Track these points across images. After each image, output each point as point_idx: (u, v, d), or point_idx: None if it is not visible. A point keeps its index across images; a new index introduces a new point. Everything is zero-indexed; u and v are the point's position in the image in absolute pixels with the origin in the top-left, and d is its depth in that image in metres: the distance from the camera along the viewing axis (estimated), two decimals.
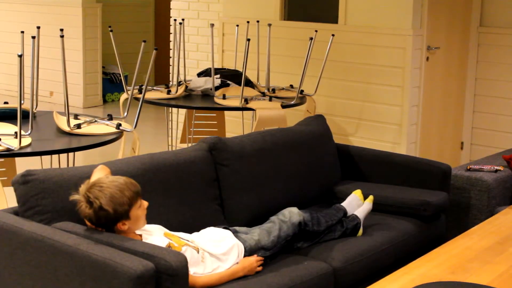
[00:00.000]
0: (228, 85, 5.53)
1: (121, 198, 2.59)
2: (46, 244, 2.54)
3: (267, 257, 3.01)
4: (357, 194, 3.57)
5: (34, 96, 4.32)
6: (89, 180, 2.70)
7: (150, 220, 3.02)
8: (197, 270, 2.74)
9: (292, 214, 3.15)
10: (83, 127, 4.06)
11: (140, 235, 2.72)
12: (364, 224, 3.45)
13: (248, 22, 5.87)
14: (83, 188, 2.63)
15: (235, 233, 3.03)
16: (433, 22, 5.50)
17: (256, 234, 3.05)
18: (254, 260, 2.91)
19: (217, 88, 5.45)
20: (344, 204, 3.52)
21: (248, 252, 2.95)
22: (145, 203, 2.71)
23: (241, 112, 5.93)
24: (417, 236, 3.64)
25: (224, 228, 3.07)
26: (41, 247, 2.56)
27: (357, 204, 3.52)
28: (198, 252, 2.78)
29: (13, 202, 2.92)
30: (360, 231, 3.40)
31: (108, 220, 2.61)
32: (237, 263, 2.89)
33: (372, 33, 5.51)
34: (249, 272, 2.88)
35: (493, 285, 2.63)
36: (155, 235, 2.74)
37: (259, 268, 2.93)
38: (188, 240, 2.82)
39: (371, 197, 3.55)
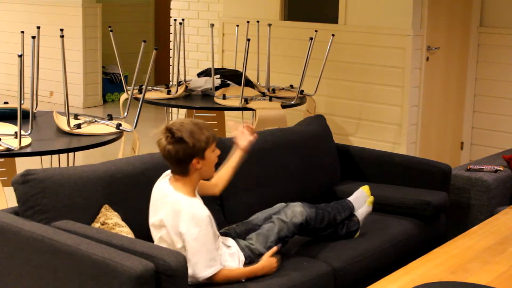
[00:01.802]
0: (228, 85, 5.53)
1: (200, 135, 2.75)
2: (46, 244, 2.54)
3: None
4: (364, 189, 3.52)
5: (34, 96, 4.32)
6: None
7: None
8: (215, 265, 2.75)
9: (294, 214, 3.10)
10: (83, 127, 4.06)
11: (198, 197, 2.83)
12: (363, 224, 3.45)
13: (248, 22, 5.87)
14: (163, 125, 2.77)
15: (234, 238, 3.02)
16: (433, 22, 5.50)
17: (253, 240, 3.00)
18: (274, 261, 2.92)
19: (217, 88, 5.45)
20: (351, 199, 3.47)
21: (248, 260, 2.93)
22: (217, 151, 2.86)
23: (241, 112, 5.93)
24: (417, 236, 3.64)
25: (224, 232, 3.07)
26: (41, 247, 2.56)
27: (364, 200, 3.48)
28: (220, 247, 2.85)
29: (13, 202, 2.92)
30: (357, 234, 3.40)
31: (185, 155, 2.73)
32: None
33: (372, 33, 5.51)
34: (267, 272, 2.90)
35: (493, 285, 2.63)
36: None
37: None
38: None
39: (371, 199, 3.50)
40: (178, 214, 2.70)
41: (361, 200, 3.47)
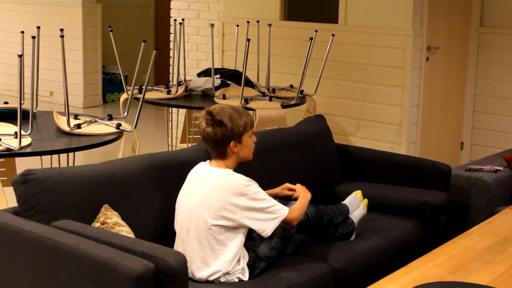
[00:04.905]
0: (228, 85, 5.53)
1: (238, 119, 2.90)
2: (46, 244, 2.54)
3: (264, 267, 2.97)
4: (357, 194, 3.56)
5: (34, 96, 4.32)
6: None
7: (150, 220, 3.02)
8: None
9: None
10: (83, 127, 4.06)
11: None
12: (363, 223, 3.45)
13: (248, 22, 5.87)
14: (204, 109, 2.93)
15: None
16: (433, 22, 5.50)
17: (257, 241, 2.98)
18: (300, 187, 3.17)
19: (217, 88, 5.45)
20: (345, 202, 3.49)
21: (251, 261, 2.92)
22: (254, 137, 3.01)
23: None
24: (417, 236, 3.64)
25: None
26: (41, 247, 2.56)
27: (357, 204, 3.51)
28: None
29: (13, 202, 2.92)
30: (353, 237, 3.39)
31: (223, 137, 2.88)
32: (242, 268, 2.87)
33: (372, 33, 5.51)
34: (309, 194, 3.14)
35: (493, 285, 2.63)
36: None
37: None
38: None
39: (365, 201, 3.52)
40: (222, 188, 2.82)
41: (355, 204, 3.51)
